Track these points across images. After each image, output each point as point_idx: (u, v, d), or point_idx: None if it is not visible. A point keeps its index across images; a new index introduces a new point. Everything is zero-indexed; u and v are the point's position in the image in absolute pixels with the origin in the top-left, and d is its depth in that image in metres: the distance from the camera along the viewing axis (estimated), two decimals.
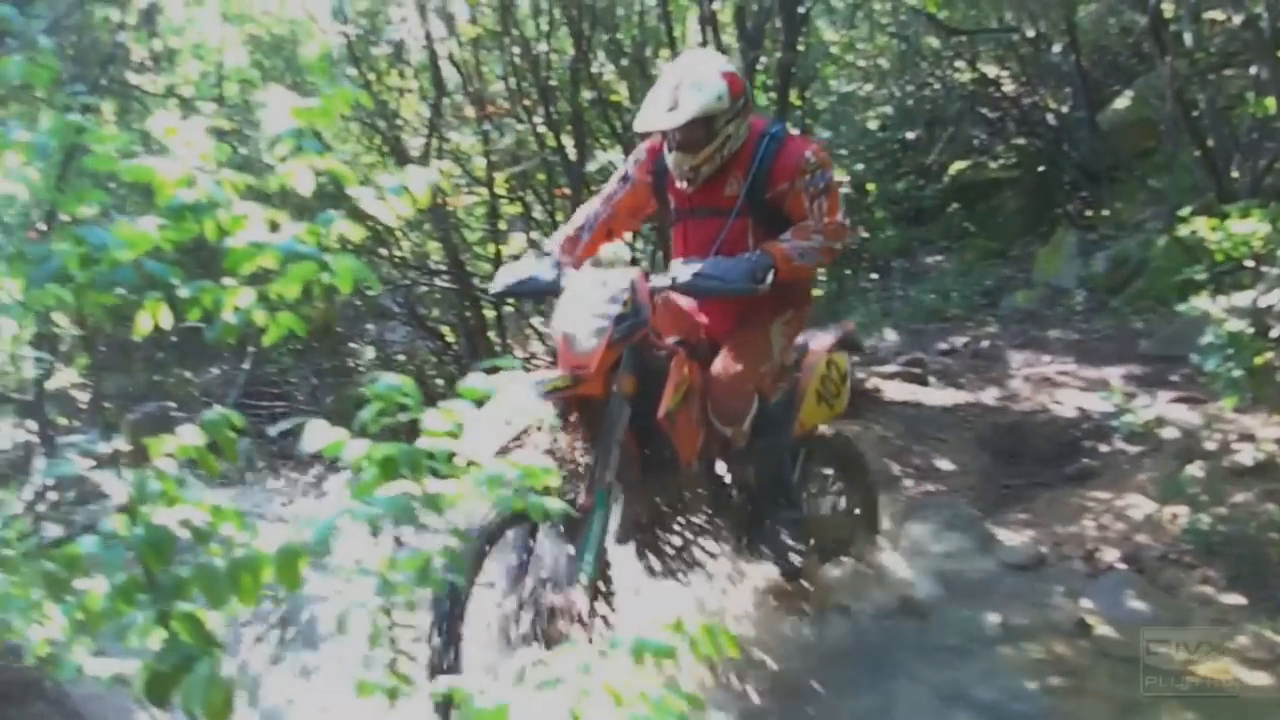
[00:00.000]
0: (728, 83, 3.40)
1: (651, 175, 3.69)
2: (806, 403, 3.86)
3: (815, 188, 3.44)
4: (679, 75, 3.43)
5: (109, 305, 1.69)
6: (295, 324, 1.66)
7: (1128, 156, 9.21)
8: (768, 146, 3.49)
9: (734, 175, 3.51)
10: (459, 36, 7.13)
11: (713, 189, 3.54)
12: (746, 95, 3.50)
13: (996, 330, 8.08)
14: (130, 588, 1.52)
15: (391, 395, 1.40)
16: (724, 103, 3.38)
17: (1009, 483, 5.34)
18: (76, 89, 1.74)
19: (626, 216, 3.83)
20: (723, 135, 3.43)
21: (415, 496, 1.36)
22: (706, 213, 3.57)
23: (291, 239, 1.61)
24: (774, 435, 3.66)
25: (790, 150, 3.48)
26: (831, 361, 3.97)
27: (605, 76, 6.81)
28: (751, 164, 3.49)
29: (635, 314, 3.20)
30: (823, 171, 3.47)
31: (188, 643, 1.46)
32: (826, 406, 3.95)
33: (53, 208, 1.54)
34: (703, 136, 3.42)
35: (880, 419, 6.01)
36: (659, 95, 3.42)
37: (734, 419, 3.48)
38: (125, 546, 1.51)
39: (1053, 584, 4.21)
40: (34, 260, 1.65)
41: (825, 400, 3.93)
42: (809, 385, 3.87)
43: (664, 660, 1.44)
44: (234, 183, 1.71)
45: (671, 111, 3.36)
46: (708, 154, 3.45)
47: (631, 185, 3.73)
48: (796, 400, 3.83)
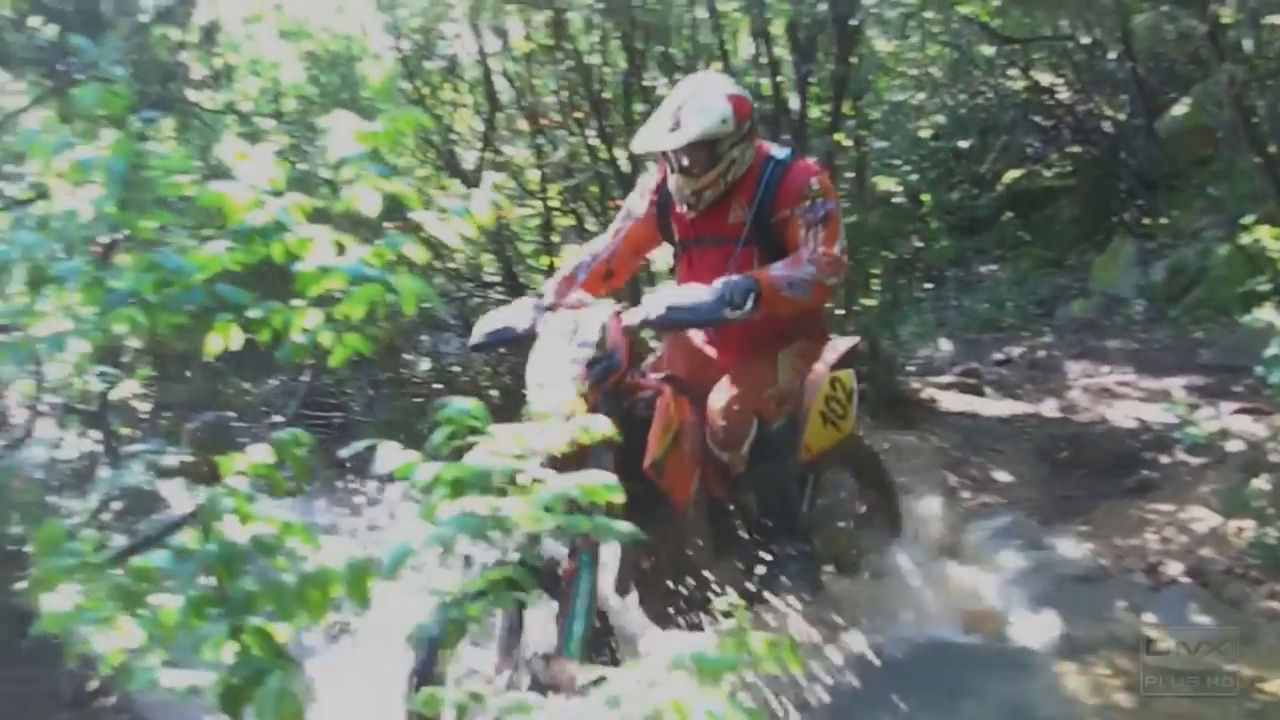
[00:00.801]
0: (733, 105, 3.30)
1: (656, 207, 3.56)
2: (811, 425, 3.66)
3: (813, 215, 3.27)
4: (683, 96, 3.34)
5: (180, 325, 1.74)
6: (361, 344, 1.70)
7: (1185, 164, 9.09)
8: (773, 172, 3.37)
9: (738, 202, 3.39)
10: (512, 51, 7.19)
11: (717, 217, 3.42)
12: (753, 119, 3.41)
13: (1053, 340, 8.02)
14: (202, 602, 1.56)
15: (462, 420, 1.43)
16: (728, 126, 3.27)
17: (1068, 494, 5.29)
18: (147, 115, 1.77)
19: (630, 254, 3.68)
20: (727, 160, 3.32)
21: (484, 516, 1.38)
22: (711, 242, 3.45)
23: (358, 261, 1.65)
24: (776, 461, 3.48)
25: (794, 175, 3.35)
26: (836, 380, 3.77)
27: (658, 90, 6.83)
28: (757, 190, 3.37)
29: (609, 357, 3.04)
30: (823, 200, 3.29)
31: (259, 656, 1.50)
32: (833, 428, 3.75)
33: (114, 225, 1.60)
34: (705, 160, 3.30)
35: (936, 429, 5.98)
36: (661, 116, 3.32)
37: (731, 443, 3.33)
38: (198, 561, 1.55)
39: (1114, 597, 4.17)
40: (109, 284, 1.70)
41: (831, 422, 3.73)
42: (812, 406, 3.67)
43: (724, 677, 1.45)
44: (301, 205, 1.75)
45: (673, 132, 3.26)
46: (711, 179, 3.33)
47: (637, 219, 3.61)
48: (800, 423, 3.64)
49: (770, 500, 3.49)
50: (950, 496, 5.15)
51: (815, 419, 3.67)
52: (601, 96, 6.84)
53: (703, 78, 3.70)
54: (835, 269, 3.23)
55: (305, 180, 6.03)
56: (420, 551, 1.38)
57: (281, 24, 8.09)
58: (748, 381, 3.40)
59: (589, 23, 6.93)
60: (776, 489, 3.50)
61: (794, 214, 3.29)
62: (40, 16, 5.83)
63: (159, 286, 1.68)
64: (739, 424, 3.34)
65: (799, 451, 3.63)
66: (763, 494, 3.47)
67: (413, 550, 1.38)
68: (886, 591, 3.99)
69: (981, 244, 10.36)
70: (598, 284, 3.59)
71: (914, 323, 8.12)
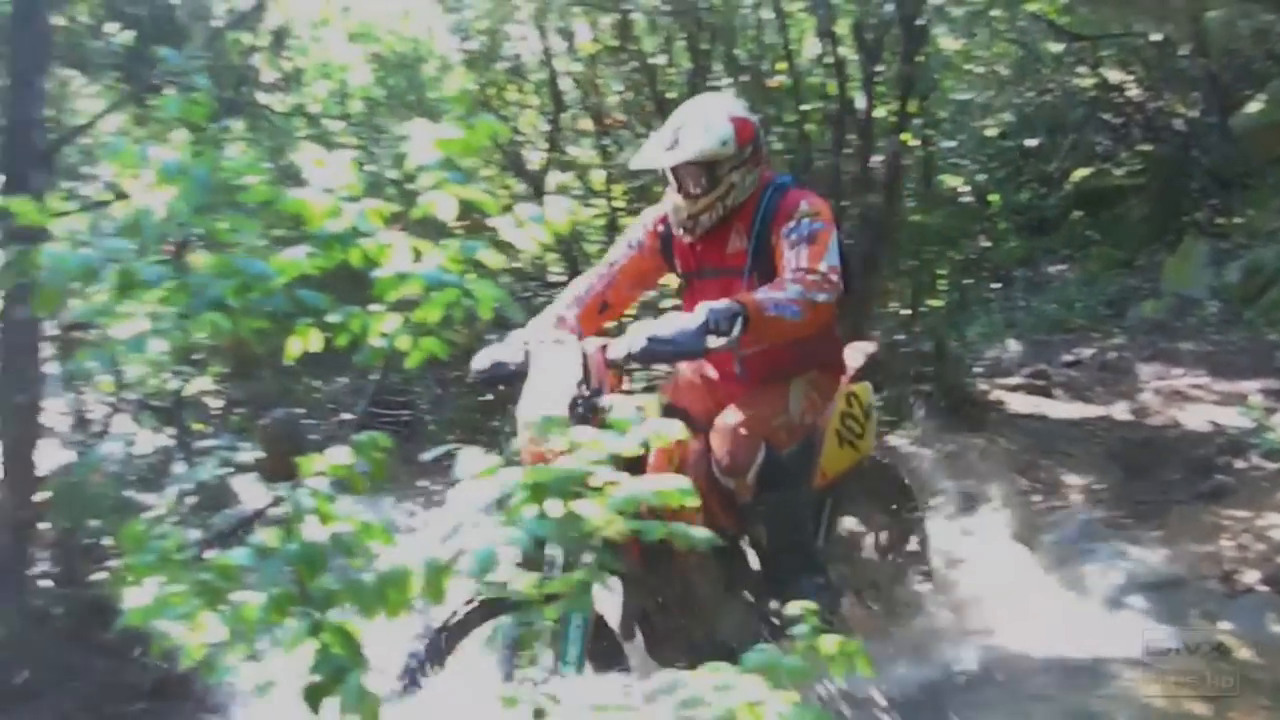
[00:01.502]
0: (735, 127, 3.19)
1: (660, 239, 3.42)
2: (827, 448, 3.48)
3: (798, 235, 3.10)
4: (685, 115, 3.24)
5: (261, 329, 1.78)
6: (437, 348, 1.72)
7: (1261, 162, 8.93)
8: (771, 198, 3.25)
9: (737, 231, 3.27)
10: (577, 52, 7.22)
11: (716, 246, 3.30)
12: (756, 144, 3.27)
13: (1123, 341, 7.90)
14: (284, 599, 1.59)
15: (548, 426, 1.45)
16: (728, 148, 3.16)
17: (1141, 499, 5.22)
18: (224, 123, 1.82)
19: (628, 286, 3.49)
20: (726, 183, 3.19)
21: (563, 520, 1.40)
22: (713, 273, 3.31)
23: (435, 267, 1.67)
24: (788, 488, 3.27)
25: (789, 200, 3.21)
26: (852, 396, 3.59)
27: (723, 90, 6.83)
28: (755, 218, 3.24)
29: (594, 393, 2.90)
30: (811, 220, 3.13)
31: (339, 654, 1.53)
32: (850, 449, 3.56)
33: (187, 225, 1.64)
34: (704, 181, 3.18)
35: (1004, 432, 5.92)
36: (661, 134, 3.23)
37: (736, 469, 3.15)
38: (280, 559, 1.59)
39: (1189, 604, 4.10)
40: (194, 289, 1.74)
41: (848, 441, 3.55)
42: (827, 426, 3.49)
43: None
44: (378, 210, 1.78)
45: (670, 151, 3.16)
46: (708, 202, 3.20)
47: (638, 249, 3.45)
48: (815, 446, 3.45)
49: (781, 531, 3.29)
50: (1021, 500, 5.09)
51: (831, 440, 3.49)
52: (666, 97, 6.85)
53: (709, 98, 3.63)
54: (822, 286, 3.00)
55: (374, 182, 6.10)
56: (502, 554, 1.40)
57: (349, 27, 8.20)
58: (756, 407, 3.24)
59: (654, 23, 6.95)
60: (788, 519, 3.29)
61: (780, 235, 3.15)
62: (117, 22, 5.96)
63: (241, 291, 1.72)
64: (744, 449, 3.16)
65: (813, 477, 3.45)
66: (773, 524, 3.28)
67: (497, 553, 1.40)
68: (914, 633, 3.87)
69: (1050, 244, 10.25)
70: (592, 319, 3.42)
71: (981, 323, 8.07)
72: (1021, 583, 4.16)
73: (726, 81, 6.79)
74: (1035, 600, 4.04)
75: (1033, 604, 4.01)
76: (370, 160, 7.03)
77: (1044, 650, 3.72)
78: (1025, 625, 3.87)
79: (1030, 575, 4.25)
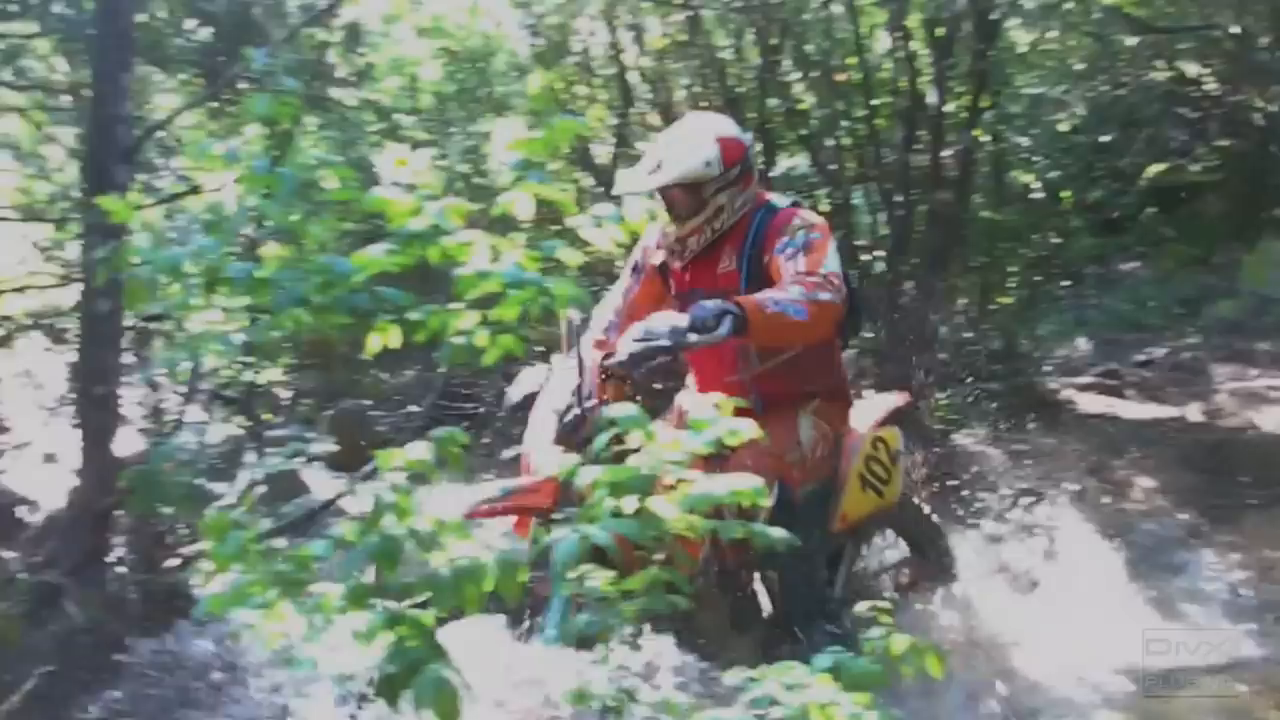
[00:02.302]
0: (721, 148, 3.09)
1: (658, 260, 3.34)
2: (849, 491, 3.33)
3: (793, 246, 3.00)
4: (670, 136, 3.19)
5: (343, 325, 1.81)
6: (515, 345, 1.74)
7: None
8: (763, 219, 3.14)
9: (728, 253, 3.17)
10: (645, 46, 7.24)
11: (707, 268, 3.20)
12: (745, 164, 3.17)
13: (1198, 341, 7.75)
14: (362, 591, 1.62)
15: (631, 424, 1.46)
16: (712, 169, 3.07)
17: (1215, 503, 5.12)
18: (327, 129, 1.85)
19: (647, 309, 3.26)
20: (713, 206, 3.10)
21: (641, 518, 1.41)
22: (704, 296, 3.05)
23: (514, 266, 1.69)
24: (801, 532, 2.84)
25: (780, 217, 3.11)
26: (879, 440, 3.45)
27: (793, 87, 6.81)
28: (746, 239, 3.14)
29: (585, 405, 2.87)
30: (806, 231, 3.04)
31: (415, 646, 1.56)
32: (873, 493, 3.40)
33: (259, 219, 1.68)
34: (689, 205, 3.09)
35: (1074, 432, 5.85)
36: (646, 156, 3.16)
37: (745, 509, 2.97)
38: (360, 552, 1.62)
39: (1264, 610, 4.03)
40: (277, 285, 1.78)
41: (871, 486, 3.39)
42: (851, 470, 3.35)
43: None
44: (457, 208, 1.81)
45: (653, 174, 3.08)
46: (696, 225, 3.11)
47: (643, 274, 3.36)
48: (836, 489, 3.31)
49: (793, 574, 3.13)
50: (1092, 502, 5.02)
51: (854, 483, 3.35)
52: (735, 91, 6.84)
53: (698, 117, 3.49)
54: (824, 286, 2.89)
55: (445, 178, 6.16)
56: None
57: (419, 22, 8.27)
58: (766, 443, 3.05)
59: (723, 18, 6.94)
60: (801, 561, 2.99)
61: (774, 251, 3.04)
62: (196, 19, 6.07)
63: (324, 288, 1.75)
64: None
65: (832, 521, 3.30)
66: (785, 566, 3.09)
67: (578, 550, 1.41)
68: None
69: (1123, 241, 10.06)
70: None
71: (1052, 321, 7.95)
72: (1090, 587, 4.10)
73: (796, 76, 6.77)
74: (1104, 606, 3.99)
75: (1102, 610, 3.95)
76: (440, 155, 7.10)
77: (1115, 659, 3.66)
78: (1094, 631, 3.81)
79: (1097, 579, 4.19)
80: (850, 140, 6.76)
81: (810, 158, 6.84)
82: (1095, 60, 10.80)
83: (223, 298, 1.81)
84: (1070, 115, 10.60)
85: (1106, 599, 4.03)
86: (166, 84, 6.56)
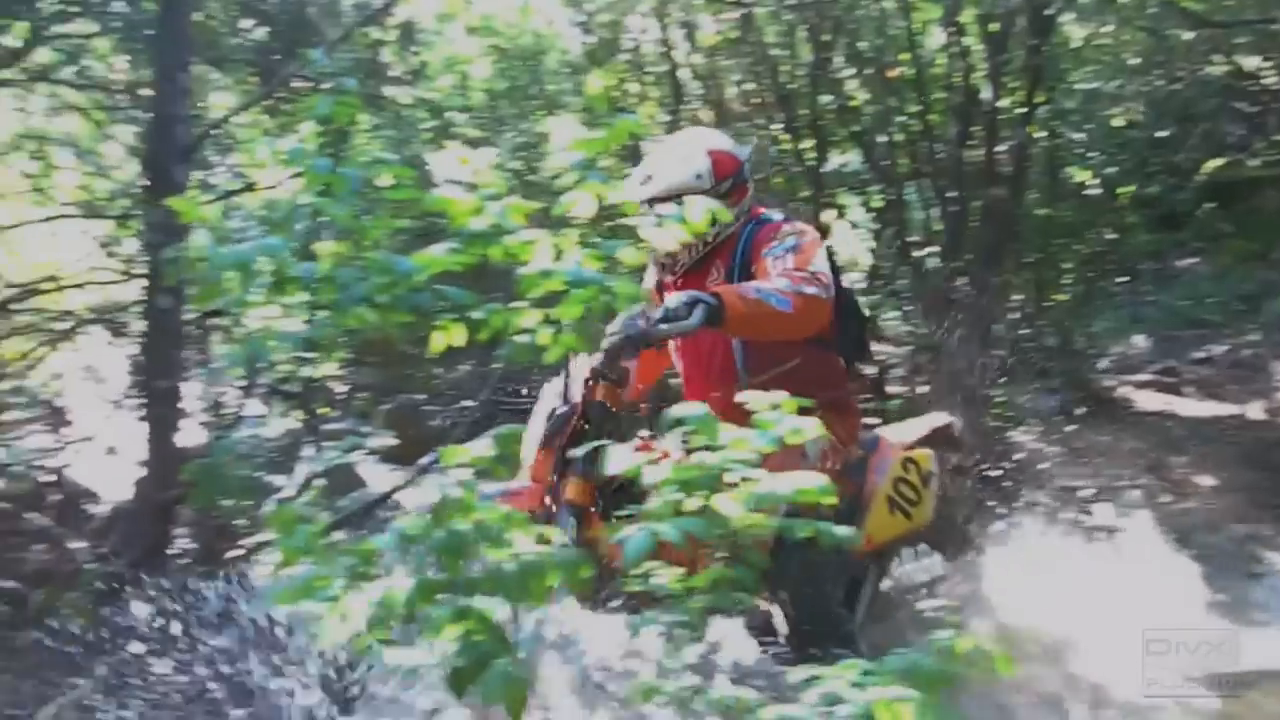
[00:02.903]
0: (712, 161, 3.08)
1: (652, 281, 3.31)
2: (875, 513, 3.23)
3: (781, 249, 2.97)
4: (663, 148, 3.17)
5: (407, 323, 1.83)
6: (578, 344, 1.76)
7: None
8: (752, 231, 3.11)
9: (718, 267, 3.13)
10: (697, 43, 7.24)
11: (697, 281, 3.11)
12: (738, 178, 3.14)
13: (1259, 338, 7.61)
14: (430, 586, 1.64)
15: (696, 421, 1.48)
16: (703, 182, 3.03)
17: (1276, 502, 5.04)
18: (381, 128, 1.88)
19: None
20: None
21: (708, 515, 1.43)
22: None
23: (576, 265, 1.71)
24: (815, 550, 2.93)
25: (770, 227, 3.08)
26: (911, 461, 3.36)
27: (845, 83, 6.79)
28: (735, 252, 3.10)
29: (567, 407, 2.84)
30: (796, 237, 3.00)
31: (483, 640, 1.58)
32: (901, 516, 3.30)
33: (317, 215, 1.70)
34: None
35: (1132, 430, 5.78)
36: (639, 168, 3.14)
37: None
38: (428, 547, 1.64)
39: None
40: (343, 284, 1.81)
41: (899, 508, 3.29)
42: (878, 491, 3.27)
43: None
44: (519, 207, 1.83)
45: (643, 185, 3.05)
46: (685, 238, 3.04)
47: (655, 290, 3.31)
48: (860, 509, 3.20)
49: (806, 596, 2.97)
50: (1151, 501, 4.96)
51: (880, 505, 3.26)
52: (787, 88, 6.83)
53: (690, 131, 3.47)
54: (812, 281, 2.85)
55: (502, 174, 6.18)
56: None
57: (470, 20, 8.32)
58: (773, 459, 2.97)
59: (775, 14, 6.92)
60: (813, 584, 2.94)
61: (760, 256, 3.01)
62: (251, 19, 6.15)
63: (388, 287, 1.78)
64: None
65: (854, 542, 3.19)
66: (797, 589, 2.94)
67: (651, 545, 1.42)
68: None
69: (1180, 237, 9.92)
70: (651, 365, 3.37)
71: (1108, 318, 7.87)
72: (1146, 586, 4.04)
73: (848, 72, 6.75)
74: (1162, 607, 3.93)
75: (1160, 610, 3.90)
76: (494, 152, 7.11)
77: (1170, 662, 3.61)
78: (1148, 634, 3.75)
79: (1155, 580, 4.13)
80: (903, 136, 6.73)
81: (863, 154, 6.83)
82: (1151, 54, 10.64)
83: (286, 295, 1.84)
84: (1126, 110, 10.48)
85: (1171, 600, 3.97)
86: (221, 82, 6.64)
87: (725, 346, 3.11)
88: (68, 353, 6.27)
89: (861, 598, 3.28)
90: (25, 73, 5.52)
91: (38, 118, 6.21)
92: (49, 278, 5.89)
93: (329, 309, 1.82)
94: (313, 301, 1.84)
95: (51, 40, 5.39)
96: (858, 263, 7.35)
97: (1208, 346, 7.59)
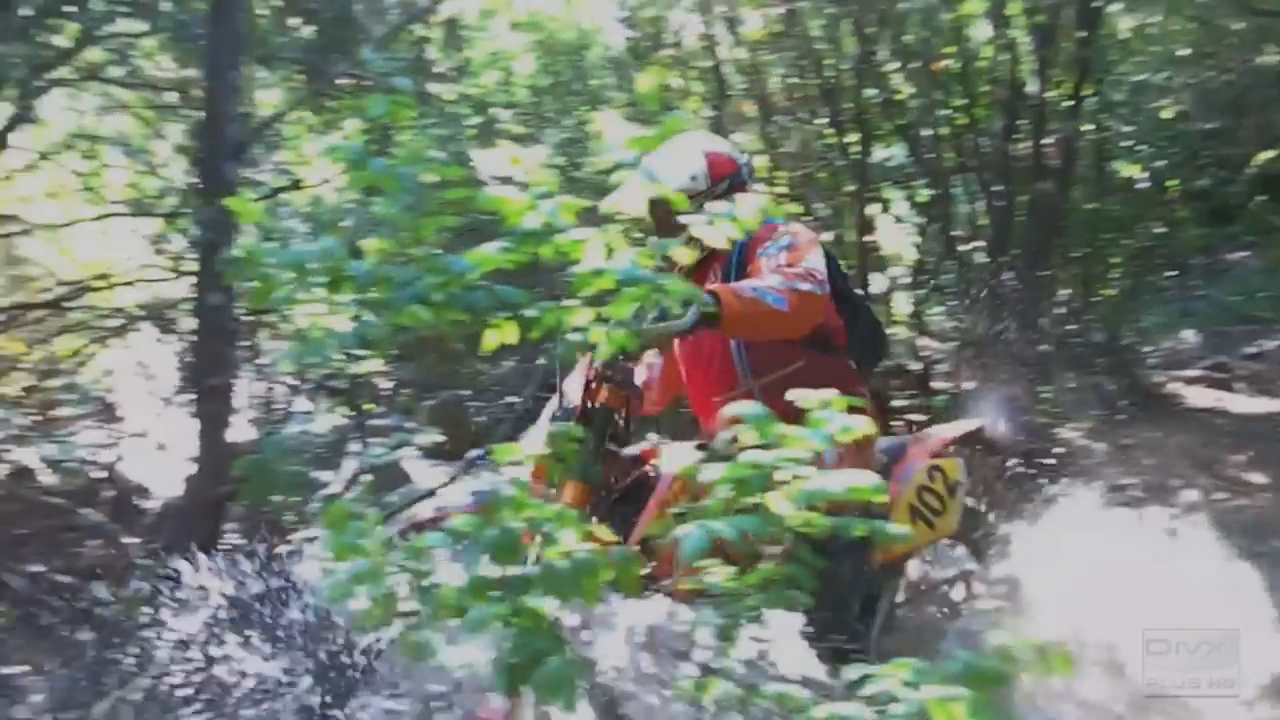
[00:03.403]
0: (708, 163, 3.07)
1: None
2: (896, 522, 3.08)
3: (776, 248, 2.93)
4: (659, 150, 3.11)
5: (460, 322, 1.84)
6: (629, 342, 1.76)
7: None
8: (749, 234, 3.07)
9: (714, 270, 3.10)
10: (740, 38, 7.23)
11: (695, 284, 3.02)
12: (735, 181, 3.10)
13: None
14: (483, 583, 1.66)
15: (758, 422, 1.48)
16: (698, 184, 3.03)
17: None
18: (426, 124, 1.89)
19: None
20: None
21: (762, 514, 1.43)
22: None
23: (629, 264, 1.71)
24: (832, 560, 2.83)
25: (766, 229, 3.01)
26: (936, 469, 3.30)
27: (890, 76, 6.75)
28: (732, 254, 3.05)
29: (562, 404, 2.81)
30: (792, 237, 2.96)
31: (536, 637, 1.59)
32: (924, 525, 3.23)
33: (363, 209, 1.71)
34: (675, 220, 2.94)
35: (1182, 426, 5.71)
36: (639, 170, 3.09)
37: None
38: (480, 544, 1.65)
39: None
40: (397, 283, 1.82)
41: (922, 517, 3.23)
42: (901, 499, 3.21)
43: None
44: (570, 205, 1.83)
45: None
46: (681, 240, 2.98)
47: None
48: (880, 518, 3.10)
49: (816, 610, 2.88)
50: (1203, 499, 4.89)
51: (902, 513, 3.19)
52: (831, 82, 6.80)
53: (688, 134, 3.38)
54: (806, 278, 2.82)
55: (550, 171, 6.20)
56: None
57: (514, 16, 8.35)
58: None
59: (819, 8, 6.90)
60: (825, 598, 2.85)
61: (755, 256, 2.97)
62: (299, 18, 6.19)
63: (444, 285, 1.79)
64: None
65: (872, 552, 3.09)
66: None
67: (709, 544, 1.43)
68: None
69: (1231, 231, 9.78)
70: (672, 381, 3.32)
71: (1157, 314, 7.78)
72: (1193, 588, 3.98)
73: (893, 65, 6.71)
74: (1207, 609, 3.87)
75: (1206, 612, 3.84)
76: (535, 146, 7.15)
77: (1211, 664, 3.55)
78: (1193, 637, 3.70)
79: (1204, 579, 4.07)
80: (949, 130, 6.68)
81: (908, 148, 6.79)
82: (1201, 45, 10.49)
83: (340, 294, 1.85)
84: (1175, 102, 10.34)
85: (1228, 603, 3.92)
86: (268, 80, 6.70)
87: (724, 349, 3.09)
88: (119, 350, 6.35)
89: (879, 608, 3.19)
90: (77, 72, 5.60)
91: (89, 117, 6.30)
92: (100, 275, 5.97)
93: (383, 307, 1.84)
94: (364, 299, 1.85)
95: (102, 40, 5.45)
96: (902, 258, 7.32)
97: (1259, 342, 7.49)
